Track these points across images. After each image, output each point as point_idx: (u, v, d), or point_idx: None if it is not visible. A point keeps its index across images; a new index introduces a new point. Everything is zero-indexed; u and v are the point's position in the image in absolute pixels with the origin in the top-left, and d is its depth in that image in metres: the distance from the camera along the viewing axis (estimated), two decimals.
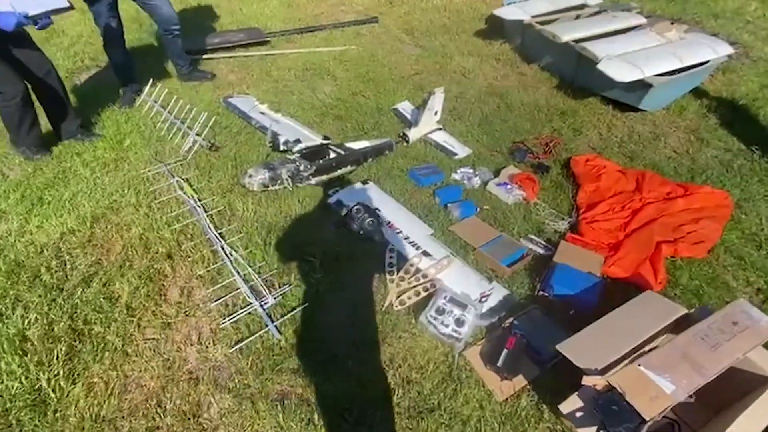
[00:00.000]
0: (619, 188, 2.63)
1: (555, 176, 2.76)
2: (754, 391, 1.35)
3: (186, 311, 1.77)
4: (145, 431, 1.41)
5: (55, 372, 1.51)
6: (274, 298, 1.79)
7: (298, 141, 2.55)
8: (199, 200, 2.28)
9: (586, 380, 1.29)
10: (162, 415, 1.45)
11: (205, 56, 3.73)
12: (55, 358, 1.55)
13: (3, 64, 2.19)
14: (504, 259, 2.07)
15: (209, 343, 1.66)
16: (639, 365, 1.29)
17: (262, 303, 1.77)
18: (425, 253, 2.06)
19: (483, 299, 1.89)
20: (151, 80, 3.03)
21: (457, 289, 1.91)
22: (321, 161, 2.44)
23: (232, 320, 1.71)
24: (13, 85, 2.25)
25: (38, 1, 2.09)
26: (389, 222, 2.20)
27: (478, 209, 2.43)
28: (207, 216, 2.17)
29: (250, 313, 1.76)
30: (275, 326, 1.70)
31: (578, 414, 1.31)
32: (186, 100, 3.18)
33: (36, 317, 1.66)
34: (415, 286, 1.90)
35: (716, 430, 1.28)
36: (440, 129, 3.08)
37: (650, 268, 2.07)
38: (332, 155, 2.53)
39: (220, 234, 2.08)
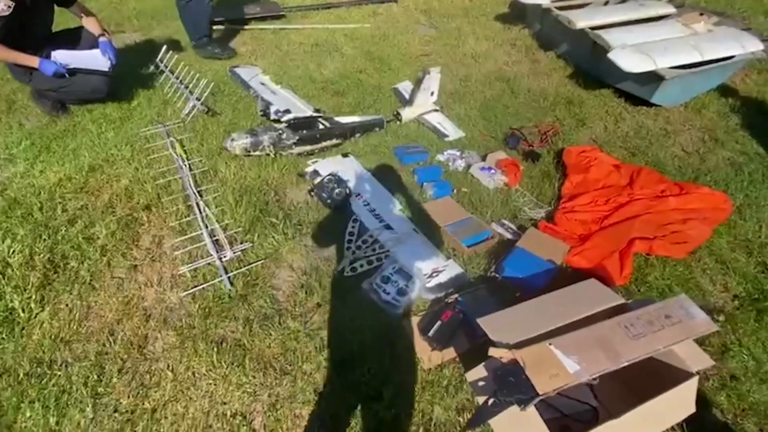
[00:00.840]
0: (609, 182, 2.54)
1: (545, 165, 2.70)
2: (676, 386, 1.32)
3: (153, 257, 1.91)
4: (95, 354, 1.56)
5: (28, 296, 1.69)
6: (233, 253, 1.90)
7: (288, 111, 2.63)
8: (187, 160, 2.41)
9: (492, 351, 1.30)
10: (112, 342, 1.60)
11: (221, 26, 3.86)
12: (30, 284, 1.73)
13: None
14: (466, 239, 2.07)
15: (167, 287, 1.79)
16: (550, 344, 1.28)
17: (221, 256, 1.88)
18: (387, 227, 2.10)
19: (434, 274, 1.91)
20: (165, 47, 3.19)
21: (410, 263, 1.94)
22: (305, 132, 2.51)
23: (190, 268, 1.84)
24: None
25: (82, 59, 2.52)
26: (359, 194, 2.25)
27: (455, 191, 2.43)
28: (191, 174, 2.30)
29: (209, 264, 1.87)
30: (228, 278, 1.81)
31: (480, 383, 1.32)
32: (197, 67, 3.34)
33: (20, 248, 1.86)
34: (369, 256, 1.95)
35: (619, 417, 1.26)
36: (437, 110, 3.07)
37: (617, 262, 2.01)
38: (320, 128, 2.59)
39: (198, 192, 2.21)
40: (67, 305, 1.70)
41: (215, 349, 1.59)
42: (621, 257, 2.03)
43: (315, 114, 2.71)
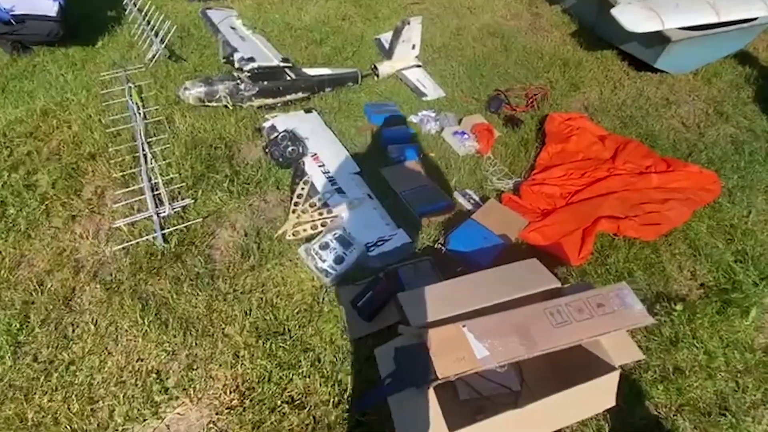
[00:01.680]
0: (590, 154, 2.36)
1: (526, 132, 2.51)
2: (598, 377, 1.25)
3: (93, 208, 1.87)
4: (21, 303, 1.56)
5: None
6: (173, 210, 1.84)
7: (252, 59, 2.46)
8: (143, 108, 2.31)
9: (402, 329, 1.24)
10: (40, 292, 1.59)
11: None
12: None
13: None
14: (419, 207, 1.96)
15: (103, 240, 1.76)
16: (463, 326, 1.21)
17: (159, 211, 1.82)
18: (339, 191, 2.00)
19: (380, 243, 1.83)
20: None
21: (356, 230, 1.86)
22: (266, 83, 2.35)
23: (126, 222, 1.79)
24: None
25: (27, 4, 2.45)
26: (315, 154, 2.13)
27: (421, 155, 2.29)
28: (143, 124, 2.20)
29: (148, 219, 1.82)
30: (162, 235, 1.76)
31: (385, 360, 1.28)
32: (169, 8, 3.14)
33: None
34: (314, 220, 1.87)
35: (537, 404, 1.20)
36: (418, 66, 2.85)
37: (577, 240, 1.88)
38: (284, 80, 2.43)
39: (148, 143, 2.12)
40: (0, 252, 1.69)
41: (140, 306, 1.57)
42: (583, 236, 1.91)
43: (282, 64, 2.53)
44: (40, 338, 1.49)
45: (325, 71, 2.59)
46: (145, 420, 1.34)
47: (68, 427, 1.31)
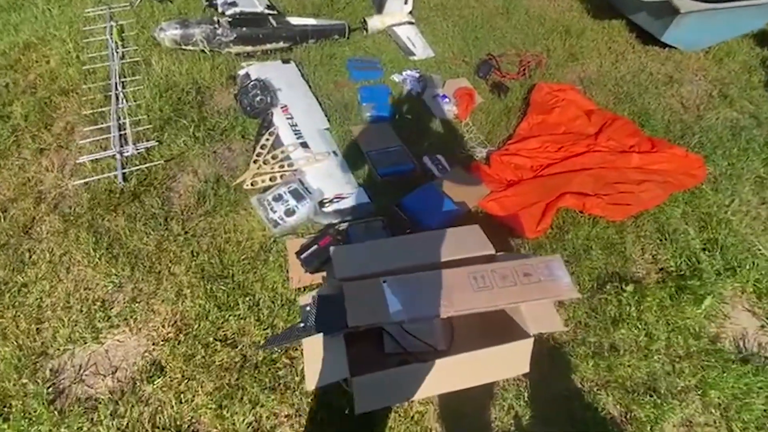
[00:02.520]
0: (572, 128, 2.27)
1: (512, 101, 2.42)
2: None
3: (61, 143, 1.91)
4: None
5: None
6: (136, 150, 1.87)
7: (234, 4, 2.40)
8: (122, 48, 2.29)
9: (328, 280, 1.26)
10: (2, 219, 1.66)
11: None
12: None
13: None
14: (382, 168, 1.94)
15: (67, 175, 1.81)
16: (384, 281, 1.23)
17: (122, 151, 1.85)
18: (304, 145, 1.98)
19: (336, 200, 1.83)
20: None
21: (314, 185, 1.86)
22: (245, 29, 2.30)
23: (90, 159, 1.83)
24: None
25: None
26: (285, 106, 2.10)
27: (396, 116, 2.24)
28: (120, 63, 2.20)
29: (113, 157, 1.86)
30: (123, 173, 1.79)
31: (306, 308, 1.31)
32: None
33: None
34: (274, 172, 1.88)
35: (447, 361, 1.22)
36: (410, 23, 2.73)
37: (536, 214, 1.85)
38: (265, 27, 2.36)
39: (122, 83, 2.12)
40: None
41: (94, 239, 1.63)
42: (545, 210, 1.87)
43: (266, 11, 2.46)
44: (1, 260, 1.57)
45: (310, 21, 2.51)
46: (85, 343, 1.42)
47: (15, 342, 1.40)
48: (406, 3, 2.65)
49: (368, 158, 1.99)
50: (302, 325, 1.20)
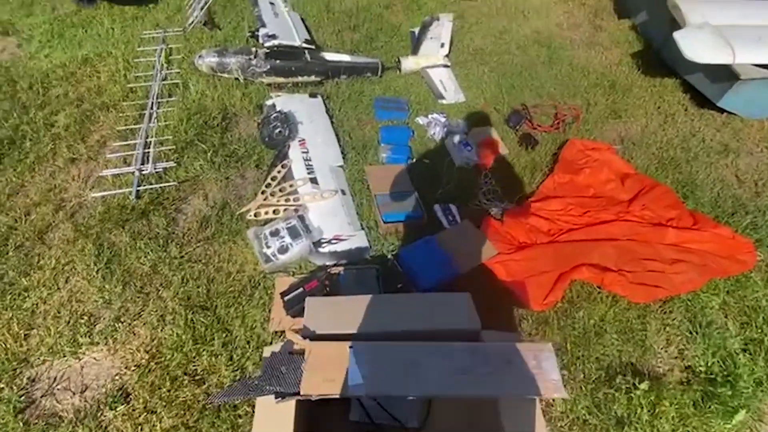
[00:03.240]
0: (603, 191, 2.10)
1: (540, 155, 2.30)
2: None
3: (91, 155, 2.03)
4: (6, 227, 1.74)
5: None
6: (155, 169, 1.94)
7: (274, 36, 2.49)
8: (166, 69, 2.44)
9: (290, 335, 1.19)
10: (24, 221, 1.77)
11: None
12: None
13: None
14: (388, 214, 1.88)
15: (89, 186, 1.91)
16: (351, 347, 1.14)
17: (141, 168, 1.93)
18: (313, 180, 1.97)
19: (334, 241, 1.79)
20: None
21: (316, 223, 1.84)
22: (278, 62, 2.37)
23: (111, 173, 1.92)
24: None
25: None
26: (302, 139, 2.11)
27: (413, 159, 2.18)
28: (160, 84, 2.33)
29: (133, 173, 1.94)
30: (137, 191, 1.86)
31: (265, 360, 1.24)
32: None
33: None
34: (279, 205, 1.87)
35: None
36: (446, 67, 2.70)
37: (546, 284, 1.70)
38: (298, 60, 2.43)
39: (158, 103, 2.25)
40: (7, 179, 1.90)
41: (97, 252, 1.68)
42: (556, 280, 1.71)
43: (303, 45, 2.54)
44: (11, 261, 1.66)
45: (344, 58, 2.55)
46: (64, 356, 1.45)
47: (3, 344, 1.46)
48: (442, 46, 2.63)
49: (376, 201, 1.94)
50: (254, 380, 1.14)
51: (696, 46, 2.19)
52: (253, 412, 1.33)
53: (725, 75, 2.24)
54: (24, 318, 1.52)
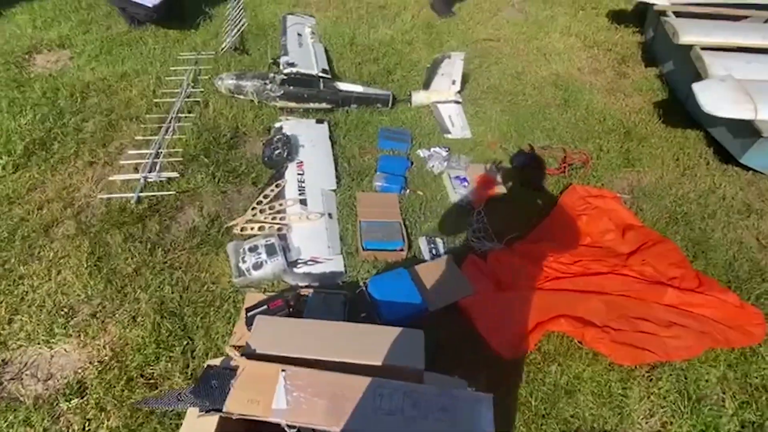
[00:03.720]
0: (601, 241, 2.01)
1: (539, 198, 2.24)
2: None
3: (108, 160, 2.20)
4: (18, 218, 1.90)
5: (9, 159, 2.13)
6: (159, 178, 2.07)
7: (293, 65, 2.64)
8: (192, 88, 2.64)
9: (227, 349, 1.20)
10: (35, 214, 1.92)
11: None
12: (14, 151, 2.16)
13: None
14: (369, 241, 1.88)
15: (99, 188, 2.06)
16: (283, 370, 1.14)
17: (147, 176, 2.07)
18: (303, 201, 2.02)
19: (310, 262, 1.81)
20: None
21: (297, 243, 1.87)
22: (291, 88, 2.49)
23: (120, 178, 2.07)
24: None
25: None
26: (301, 162, 2.19)
27: (407, 190, 2.19)
28: (183, 101, 2.52)
29: (139, 180, 2.08)
30: (138, 196, 1.99)
31: (201, 372, 1.24)
32: (265, 8, 3.53)
33: (30, 121, 2.32)
34: (264, 223, 1.93)
35: None
36: (457, 103, 2.73)
37: (519, 331, 1.61)
38: (310, 88, 2.54)
39: (177, 118, 2.42)
40: (29, 175, 2.09)
41: (91, 250, 1.80)
42: (531, 329, 1.62)
43: (320, 74, 2.66)
44: (15, 251, 1.80)
45: (357, 88, 2.64)
46: (38, 344, 1.53)
47: None
48: (453, 83, 2.67)
49: (360, 227, 1.95)
50: (187, 392, 1.15)
51: (715, 98, 2.09)
52: None
53: (748, 131, 2.11)
54: (12, 303, 1.63)
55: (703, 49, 2.46)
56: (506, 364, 1.56)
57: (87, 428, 1.36)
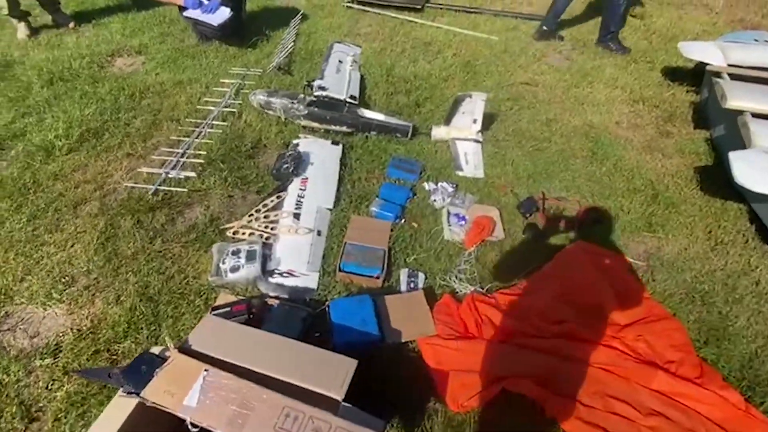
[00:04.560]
0: (596, 305, 1.85)
1: (540, 249, 2.13)
2: None
3: (143, 154, 2.46)
4: (58, 193, 2.18)
5: (66, 142, 2.47)
6: (178, 175, 2.28)
7: (324, 89, 2.81)
8: (232, 99, 2.90)
9: (167, 340, 1.27)
10: (71, 192, 2.20)
11: (360, 7, 4.20)
12: (71, 136, 2.50)
13: None
14: (348, 264, 1.91)
15: (128, 177, 2.31)
16: (206, 369, 1.18)
17: (167, 172, 2.28)
18: (296, 215, 2.11)
19: (285, 274, 1.87)
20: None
21: (279, 254, 1.95)
22: (316, 109, 2.64)
23: (146, 170, 2.31)
24: None
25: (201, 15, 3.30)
26: (306, 178, 2.29)
27: (403, 220, 2.20)
28: (221, 110, 2.77)
29: (161, 174, 2.30)
30: (156, 189, 2.20)
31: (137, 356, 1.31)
32: (319, 35, 3.80)
33: (92, 112, 2.69)
34: (256, 230, 2.03)
35: None
36: (477, 142, 2.71)
37: (471, 384, 1.53)
38: (334, 112, 2.67)
39: (211, 124, 2.66)
40: (78, 158, 2.40)
41: (104, 229, 2.01)
42: (487, 385, 1.53)
43: (347, 100, 2.80)
44: (47, 220, 2.07)
45: (378, 116, 2.73)
46: (37, 304, 1.73)
47: (3, 280, 1.80)
48: (474, 122, 2.66)
49: (343, 248, 1.99)
50: (119, 370, 1.23)
51: (748, 171, 1.89)
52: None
53: None
54: (29, 265, 1.86)
55: (756, 115, 2.24)
56: (453, 416, 1.48)
57: (50, 387, 1.49)
